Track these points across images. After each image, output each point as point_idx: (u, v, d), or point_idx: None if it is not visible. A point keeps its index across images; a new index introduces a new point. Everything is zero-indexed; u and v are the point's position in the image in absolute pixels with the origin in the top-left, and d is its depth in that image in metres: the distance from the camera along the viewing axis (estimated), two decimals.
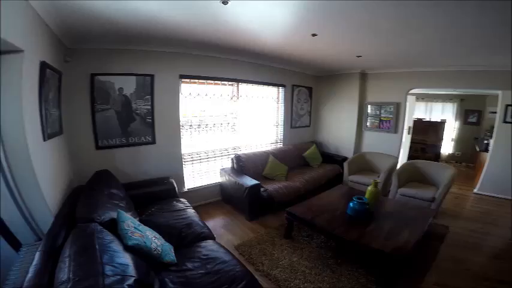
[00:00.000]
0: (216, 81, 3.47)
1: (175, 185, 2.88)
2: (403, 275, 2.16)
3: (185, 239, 1.94)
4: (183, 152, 3.30)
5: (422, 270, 2.31)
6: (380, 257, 2.01)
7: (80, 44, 2.39)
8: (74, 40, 2.30)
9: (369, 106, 4.51)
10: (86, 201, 1.70)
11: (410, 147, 6.21)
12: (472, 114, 6.84)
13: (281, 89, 4.47)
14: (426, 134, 6.66)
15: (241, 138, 4.00)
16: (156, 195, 2.61)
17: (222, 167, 3.68)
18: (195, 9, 1.81)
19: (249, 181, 3.11)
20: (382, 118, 4.35)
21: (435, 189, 3.32)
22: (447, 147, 7.15)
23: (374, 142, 4.53)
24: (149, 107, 2.90)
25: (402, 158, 4.97)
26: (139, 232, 1.50)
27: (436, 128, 6.66)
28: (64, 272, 0.99)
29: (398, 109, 4.18)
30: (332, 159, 4.64)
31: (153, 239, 1.55)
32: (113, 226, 1.51)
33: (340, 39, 2.61)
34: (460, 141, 6.99)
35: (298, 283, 2.04)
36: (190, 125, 3.35)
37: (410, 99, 5.30)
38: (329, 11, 1.82)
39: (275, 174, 3.69)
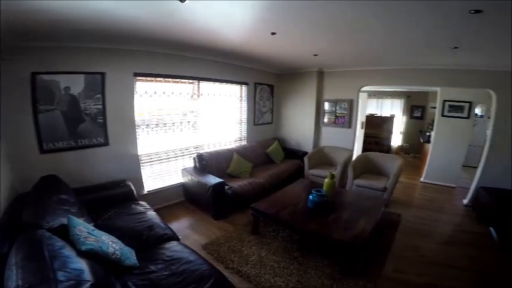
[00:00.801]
0: (175, 80, 3.44)
1: (133, 188, 2.82)
2: (365, 263, 2.39)
3: (147, 241, 1.94)
4: (140, 153, 3.22)
5: (381, 258, 2.55)
6: (340, 246, 2.22)
7: (21, 41, 2.20)
8: (15, 37, 2.11)
9: (326, 103, 4.89)
10: (31, 207, 1.61)
11: (365, 141, 6.89)
12: (416, 110, 7.82)
13: (244, 87, 4.59)
14: (378, 128, 7.44)
15: (203, 137, 4.03)
16: (112, 199, 2.53)
17: (183, 167, 3.68)
18: (151, 7, 1.80)
19: (213, 180, 3.17)
20: (337, 114, 4.76)
21: (386, 179, 3.73)
22: (397, 140, 8.09)
23: (331, 137, 4.93)
24: (100, 107, 2.77)
25: (357, 151, 5.50)
26: (94, 237, 1.48)
27: (387, 122, 7.49)
28: (12, 279, 0.97)
29: (351, 105, 4.62)
30: (294, 154, 4.94)
31: (110, 244, 1.54)
32: (64, 233, 1.47)
33: (298, 38, 2.74)
34: (408, 134, 7.97)
35: (268, 278, 2.16)
36: (147, 125, 3.28)
37: (363, 96, 5.88)
38: (287, 11, 1.91)
39: (240, 171, 3.81)
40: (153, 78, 3.21)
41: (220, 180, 3.19)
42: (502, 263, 2.55)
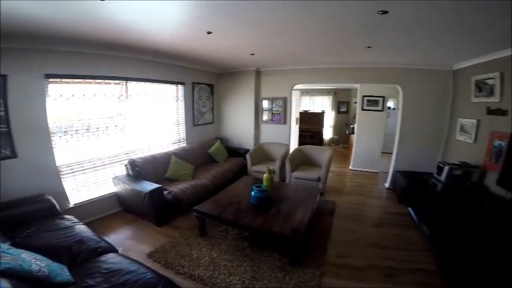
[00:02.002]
0: (97, 80, 3.21)
1: (55, 202, 2.55)
2: (311, 251, 2.63)
3: (79, 256, 1.84)
4: (59, 163, 2.92)
5: (323, 244, 2.81)
6: (282, 238, 2.40)
7: None
8: None
9: (263, 101, 5.27)
10: None
11: (300, 135, 7.67)
12: (342, 105, 9.07)
13: (180, 87, 4.57)
14: (311, 123, 8.35)
15: (135, 142, 3.86)
16: (30, 216, 2.27)
17: (114, 175, 3.47)
18: (67, 5, 1.71)
19: (149, 186, 3.10)
20: (274, 111, 5.20)
21: (320, 170, 4.24)
22: (328, 133, 9.22)
23: (270, 133, 5.35)
24: (2, 114, 2.42)
25: (294, 145, 6.08)
26: (10, 255, 1.39)
27: (318, 117, 8.46)
28: None
29: (285, 103, 5.10)
30: (236, 152, 5.17)
31: (33, 261, 1.45)
32: None
33: (235, 38, 2.84)
34: (336, 127, 9.17)
35: (223, 278, 2.24)
36: (65, 132, 2.98)
37: (296, 94, 6.53)
38: (223, 10, 1.99)
39: (180, 174, 3.80)
40: (70, 80, 2.93)
41: (157, 185, 3.13)
42: (421, 238, 3.01)
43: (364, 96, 5.70)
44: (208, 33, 2.58)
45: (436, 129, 4.31)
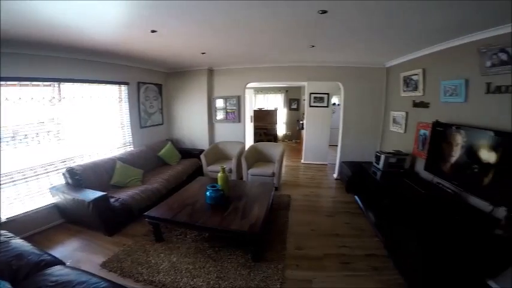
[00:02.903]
0: (22, 83, 2.91)
1: None
2: (272, 246, 2.76)
3: (20, 271, 1.71)
4: None
5: (282, 238, 2.96)
6: (240, 235, 2.47)
7: None
8: None
9: (217, 100, 5.34)
10: None
11: (256, 133, 7.94)
12: (293, 102, 9.63)
13: (124, 87, 4.36)
14: (266, 121, 8.70)
15: (73, 148, 3.58)
16: None
17: (51, 186, 3.19)
18: None
19: (92, 194, 2.95)
20: (228, 110, 5.32)
21: (274, 166, 4.48)
22: (282, 129, 9.71)
23: (224, 132, 5.45)
24: None
25: (249, 143, 6.28)
26: None
27: (272, 115, 8.85)
28: None
29: (239, 101, 5.26)
30: (190, 154, 5.14)
31: None
32: None
33: (183, 36, 2.84)
34: (289, 123, 9.70)
35: (186, 281, 2.25)
36: None
37: (250, 92, 6.75)
38: (166, 10, 2.00)
39: (127, 180, 3.65)
40: None
41: (102, 193, 2.99)
42: (369, 224, 3.35)
43: (311, 93, 6.20)
44: (153, 31, 2.55)
45: (374, 121, 4.95)
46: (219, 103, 5.34)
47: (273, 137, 8.70)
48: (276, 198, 4.05)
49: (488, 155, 2.28)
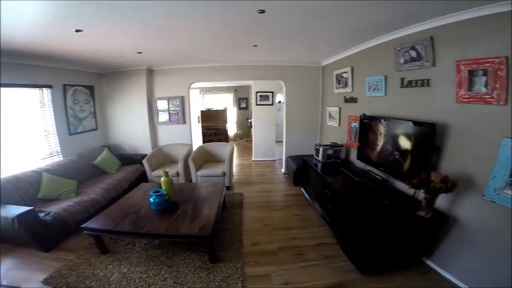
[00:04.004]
0: None
1: None
2: (228, 245, 2.84)
3: None
4: None
5: (238, 236, 3.06)
6: (192, 238, 2.48)
7: None
8: None
9: (158, 101, 5.20)
10: None
11: (206, 133, 7.95)
12: (242, 101, 9.84)
13: (46, 91, 3.99)
14: (215, 120, 8.74)
15: None
16: None
17: None
18: None
19: (15, 210, 2.68)
20: (171, 111, 5.22)
21: (224, 165, 4.55)
22: (232, 129, 9.86)
23: (169, 135, 5.34)
24: None
25: (198, 144, 6.27)
26: None
27: (221, 114, 8.94)
28: None
29: (183, 102, 5.21)
30: (132, 159, 4.92)
31: None
32: None
33: (113, 36, 2.76)
34: (239, 122, 9.89)
35: None
36: None
37: (195, 92, 6.73)
38: (91, 8, 1.94)
39: (58, 193, 3.38)
40: None
41: (27, 208, 2.74)
42: (316, 214, 3.65)
43: (257, 92, 6.47)
44: (78, 31, 2.45)
45: (313, 117, 5.42)
46: (161, 104, 5.22)
47: (224, 137, 8.79)
48: (229, 198, 4.17)
49: (405, 143, 2.69)
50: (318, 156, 4.28)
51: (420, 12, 2.26)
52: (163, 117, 5.27)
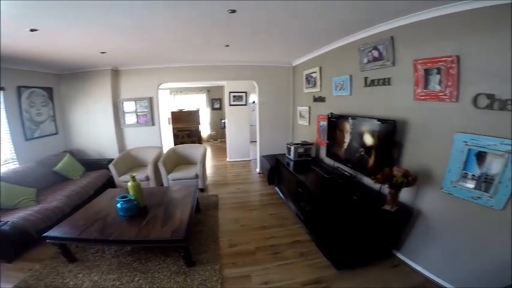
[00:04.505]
0: None
1: None
2: (205, 247, 2.85)
3: None
4: None
5: (214, 238, 3.08)
6: (164, 243, 2.46)
7: None
8: None
9: (125, 103, 5.06)
10: None
11: (178, 135, 7.84)
12: (216, 102, 9.82)
13: None
14: (188, 122, 8.65)
15: None
16: None
17: None
18: None
19: None
20: (138, 113, 5.10)
21: (196, 167, 4.53)
22: (206, 130, 9.80)
23: (137, 137, 5.21)
24: None
25: (169, 147, 6.18)
26: None
27: (194, 115, 8.86)
28: None
29: (152, 103, 5.11)
30: (97, 165, 4.74)
31: None
32: None
33: (72, 36, 2.67)
34: (213, 123, 9.86)
35: None
36: None
37: (165, 92, 6.62)
38: (45, 8, 1.88)
39: (15, 202, 3.19)
40: None
41: None
42: (290, 213, 3.76)
43: (230, 92, 6.52)
44: (32, 30, 2.35)
45: (285, 116, 5.59)
46: (128, 106, 5.08)
47: (197, 138, 8.71)
48: (204, 200, 4.17)
49: (369, 140, 2.87)
50: (289, 155, 4.41)
51: (382, 12, 2.37)
52: (130, 119, 5.13)
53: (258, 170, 5.83)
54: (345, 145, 3.35)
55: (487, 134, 1.87)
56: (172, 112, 8.14)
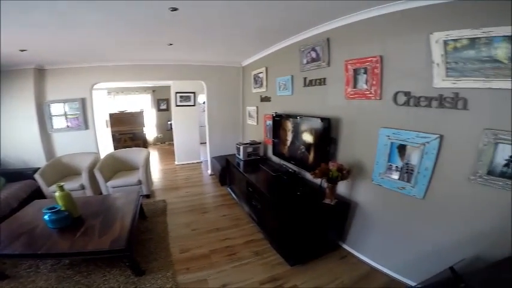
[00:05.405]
0: None
1: None
2: (154, 255, 2.80)
3: None
4: None
5: (164, 244, 3.03)
6: (103, 254, 2.35)
7: None
8: None
9: (52, 105, 4.61)
10: None
11: (119, 139, 7.40)
12: (162, 102, 9.49)
13: None
14: (130, 124, 8.21)
15: None
16: None
17: None
18: None
19: None
20: (69, 116, 4.70)
21: (139, 172, 4.32)
22: (152, 132, 9.41)
23: (69, 143, 4.79)
24: None
25: (108, 151, 5.81)
26: None
27: (137, 117, 8.44)
28: None
29: (84, 104, 4.75)
30: (22, 174, 4.23)
31: None
32: None
33: None
34: (160, 125, 9.52)
35: None
36: None
37: (101, 93, 6.20)
38: None
39: None
40: None
41: None
42: (243, 213, 3.86)
43: (177, 92, 6.40)
44: None
45: (235, 117, 5.71)
46: (57, 108, 4.63)
47: (141, 142, 8.31)
48: (150, 206, 4.06)
49: (308, 137, 3.10)
50: (239, 155, 4.52)
51: (320, 13, 2.53)
52: (59, 123, 4.69)
53: (209, 171, 5.83)
54: (288, 143, 3.56)
55: (406, 128, 2.17)
56: (111, 114, 7.62)
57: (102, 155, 4.90)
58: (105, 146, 5.99)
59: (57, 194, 2.75)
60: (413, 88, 2.10)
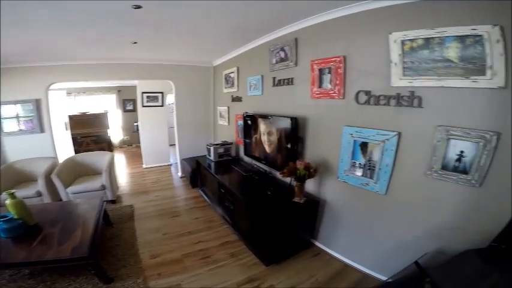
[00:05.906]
0: None
1: None
2: (123, 262, 2.71)
3: None
4: None
5: (133, 250, 2.93)
6: (65, 262, 2.27)
7: None
8: None
9: (2, 106, 4.23)
10: None
11: (81, 142, 7.02)
12: (128, 103, 9.12)
13: None
14: (93, 126, 7.79)
15: None
16: None
17: None
18: None
19: None
20: (21, 118, 4.37)
21: (102, 177, 4.13)
22: (118, 134, 9.02)
23: (22, 147, 4.45)
24: None
25: (69, 156, 5.49)
26: None
27: (101, 118, 8.03)
28: None
29: (39, 106, 4.44)
30: None
31: None
32: None
33: None
34: (126, 127, 9.14)
35: None
36: None
37: (59, 93, 5.84)
38: None
39: None
40: None
41: None
42: (216, 214, 3.85)
43: (143, 92, 6.18)
44: None
45: (206, 117, 5.66)
46: (7, 110, 4.29)
47: (106, 145, 7.91)
48: (116, 212, 3.92)
49: (277, 137, 3.13)
50: (210, 156, 4.48)
51: (288, 13, 2.56)
52: (10, 126, 4.35)
53: (179, 174, 5.72)
54: (259, 143, 3.59)
55: (367, 126, 2.28)
56: (72, 116, 7.19)
57: (61, 160, 4.59)
58: (65, 150, 5.63)
59: (7, 201, 2.60)
60: (373, 87, 2.21)
